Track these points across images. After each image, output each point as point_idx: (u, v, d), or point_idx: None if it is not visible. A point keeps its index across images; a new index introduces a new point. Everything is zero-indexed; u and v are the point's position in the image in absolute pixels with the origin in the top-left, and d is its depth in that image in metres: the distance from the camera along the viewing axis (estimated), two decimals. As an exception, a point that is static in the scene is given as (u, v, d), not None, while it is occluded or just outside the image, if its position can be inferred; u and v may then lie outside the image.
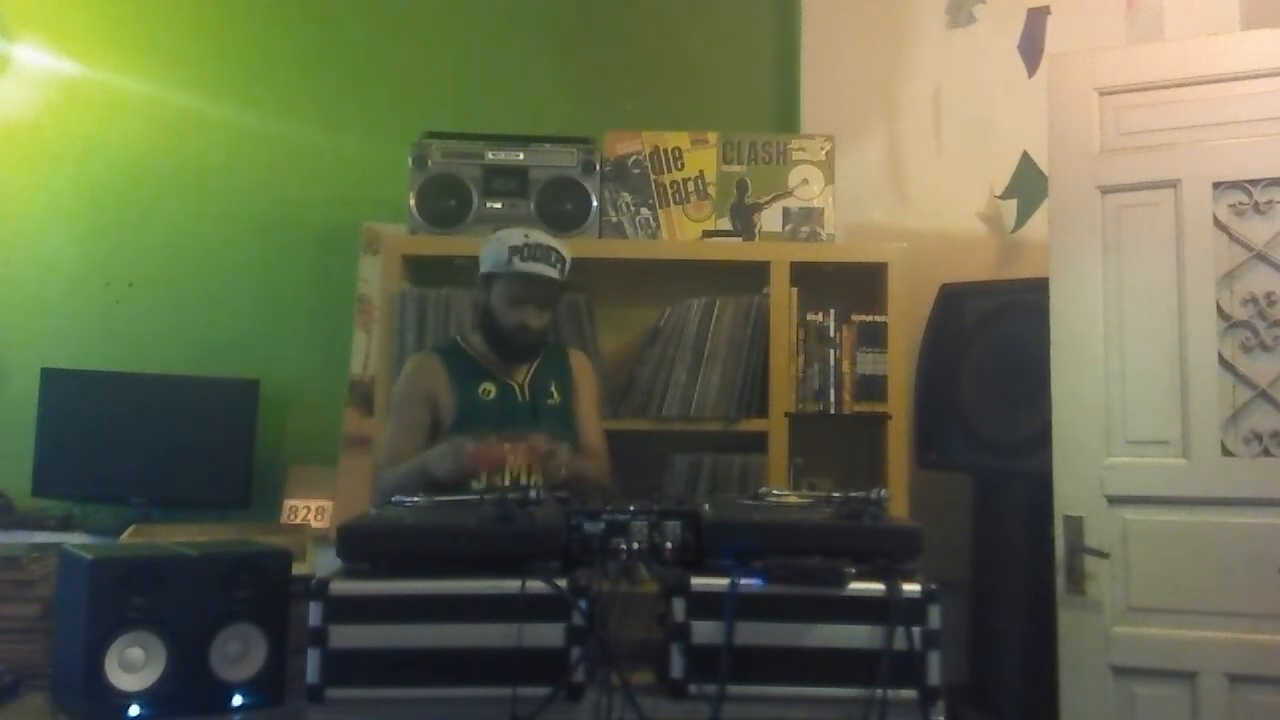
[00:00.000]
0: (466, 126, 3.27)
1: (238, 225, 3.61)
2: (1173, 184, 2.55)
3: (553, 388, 2.68)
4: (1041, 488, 2.62)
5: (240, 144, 3.62)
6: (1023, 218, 3.40)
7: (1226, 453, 2.47)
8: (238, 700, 1.73)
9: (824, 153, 3.23)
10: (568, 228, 3.15)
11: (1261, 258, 2.48)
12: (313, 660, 1.61)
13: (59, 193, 3.63)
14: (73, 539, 2.99)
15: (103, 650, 1.65)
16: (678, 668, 1.64)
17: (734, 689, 1.62)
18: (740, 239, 3.20)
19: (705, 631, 1.64)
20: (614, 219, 3.21)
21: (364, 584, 1.65)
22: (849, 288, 3.23)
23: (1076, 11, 3.38)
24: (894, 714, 1.62)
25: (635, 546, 1.73)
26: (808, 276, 3.14)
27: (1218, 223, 2.51)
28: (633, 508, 1.78)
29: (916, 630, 1.63)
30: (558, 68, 3.65)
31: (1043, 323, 2.63)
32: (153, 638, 1.68)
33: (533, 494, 1.82)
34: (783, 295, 3.10)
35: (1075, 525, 2.54)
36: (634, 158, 3.24)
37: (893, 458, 3.06)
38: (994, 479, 2.99)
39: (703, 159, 3.24)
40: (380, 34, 3.66)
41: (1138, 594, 2.52)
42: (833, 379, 3.11)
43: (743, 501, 2.16)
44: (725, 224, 3.22)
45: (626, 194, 3.22)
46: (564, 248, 2.64)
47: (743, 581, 1.65)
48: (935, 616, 1.64)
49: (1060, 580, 2.55)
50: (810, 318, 3.13)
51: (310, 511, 3.41)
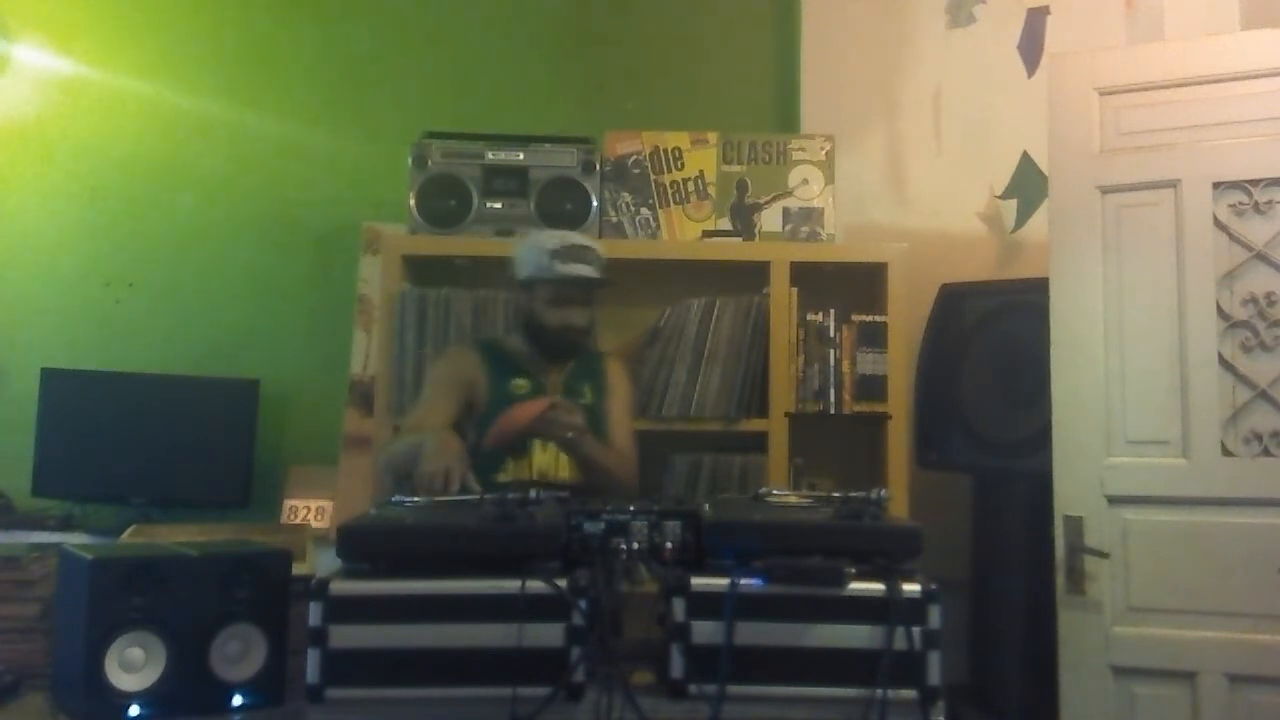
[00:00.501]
0: (466, 126, 3.27)
1: (238, 225, 3.61)
2: (1173, 184, 2.55)
3: (586, 389, 2.68)
4: (1041, 488, 2.62)
5: (240, 144, 3.62)
6: (1023, 218, 3.40)
7: (1226, 453, 2.47)
8: (238, 700, 1.73)
9: (824, 153, 3.23)
10: (568, 228, 3.15)
11: (1261, 258, 2.48)
12: (313, 660, 1.61)
13: (59, 193, 3.63)
14: (73, 539, 3.00)
15: (103, 650, 1.65)
16: (678, 668, 1.64)
17: (734, 689, 1.62)
18: (740, 239, 3.20)
19: (705, 631, 1.64)
20: (614, 219, 3.21)
21: (364, 584, 1.65)
22: (849, 288, 3.23)
23: (1076, 11, 3.38)
24: (894, 714, 1.62)
25: (635, 546, 1.73)
26: (808, 276, 3.14)
27: (1218, 223, 2.51)
28: (633, 508, 1.78)
29: (916, 630, 1.63)
30: (558, 68, 3.65)
31: (1043, 323, 2.63)
32: (153, 638, 1.68)
33: (533, 493, 1.82)
34: (783, 295, 3.10)
35: (1075, 525, 2.54)
36: (634, 158, 3.24)
37: (893, 458, 3.06)
38: (994, 479, 2.99)
39: (703, 159, 3.24)
40: (380, 34, 3.66)
41: (1138, 594, 2.52)
42: (833, 379, 3.11)
43: (743, 501, 2.16)
44: (725, 224, 3.22)
45: (626, 194, 3.22)
46: (598, 244, 2.69)
47: (743, 581, 1.65)
48: (935, 616, 1.64)
49: (1060, 580, 2.55)
50: (810, 318, 3.13)
51: (310, 511, 3.41)
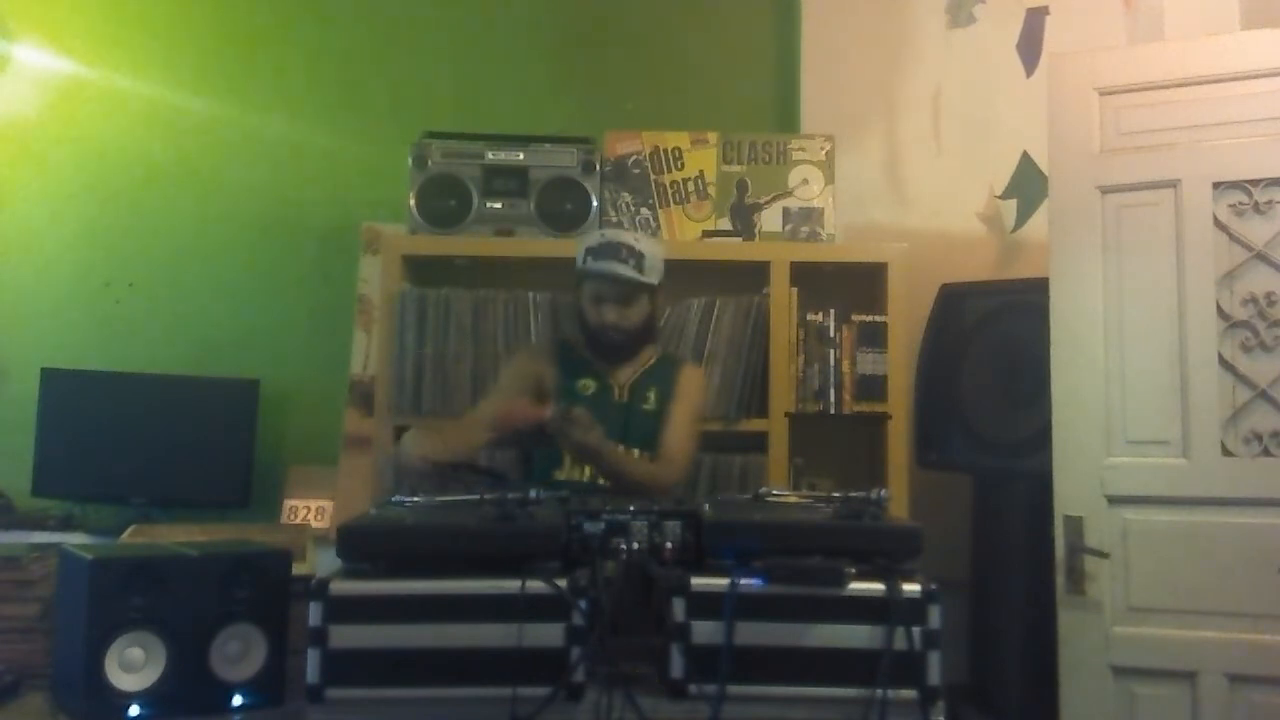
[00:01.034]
0: (466, 126, 3.28)
1: (238, 225, 3.61)
2: (1173, 184, 2.55)
3: (651, 394, 2.65)
4: (1041, 488, 2.62)
5: (240, 144, 3.62)
6: (1023, 218, 3.40)
7: (1226, 453, 2.47)
8: (238, 700, 1.73)
9: (824, 153, 3.23)
10: (568, 228, 3.16)
11: (1261, 258, 2.48)
12: (313, 660, 1.61)
13: (59, 193, 3.63)
14: (73, 539, 2.99)
15: (103, 650, 1.65)
16: (678, 668, 1.64)
17: (734, 689, 1.62)
18: (740, 239, 3.21)
19: (705, 631, 1.64)
20: (614, 219, 3.21)
21: (364, 584, 1.65)
22: (849, 288, 3.23)
23: (1076, 11, 3.39)
24: (894, 714, 1.62)
25: (635, 546, 1.73)
26: (808, 276, 3.14)
27: (1218, 223, 2.51)
28: (633, 508, 1.78)
29: (916, 630, 1.63)
30: (558, 68, 3.65)
31: (1043, 323, 2.63)
32: (153, 638, 1.68)
33: (532, 493, 1.82)
34: (783, 295, 3.10)
35: (1075, 525, 2.54)
36: (634, 158, 3.24)
37: (893, 458, 3.06)
38: (994, 479, 2.99)
39: (703, 159, 3.24)
40: (380, 34, 3.66)
41: (1138, 594, 2.52)
42: (833, 379, 3.11)
43: (743, 501, 2.16)
44: (725, 224, 3.22)
45: (626, 194, 3.22)
46: (647, 243, 2.66)
47: (743, 581, 1.65)
48: (935, 616, 1.64)
49: (1060, 580, 2.55)
50: (810, 318, 3.13)
51: (310, 511, 3.41)
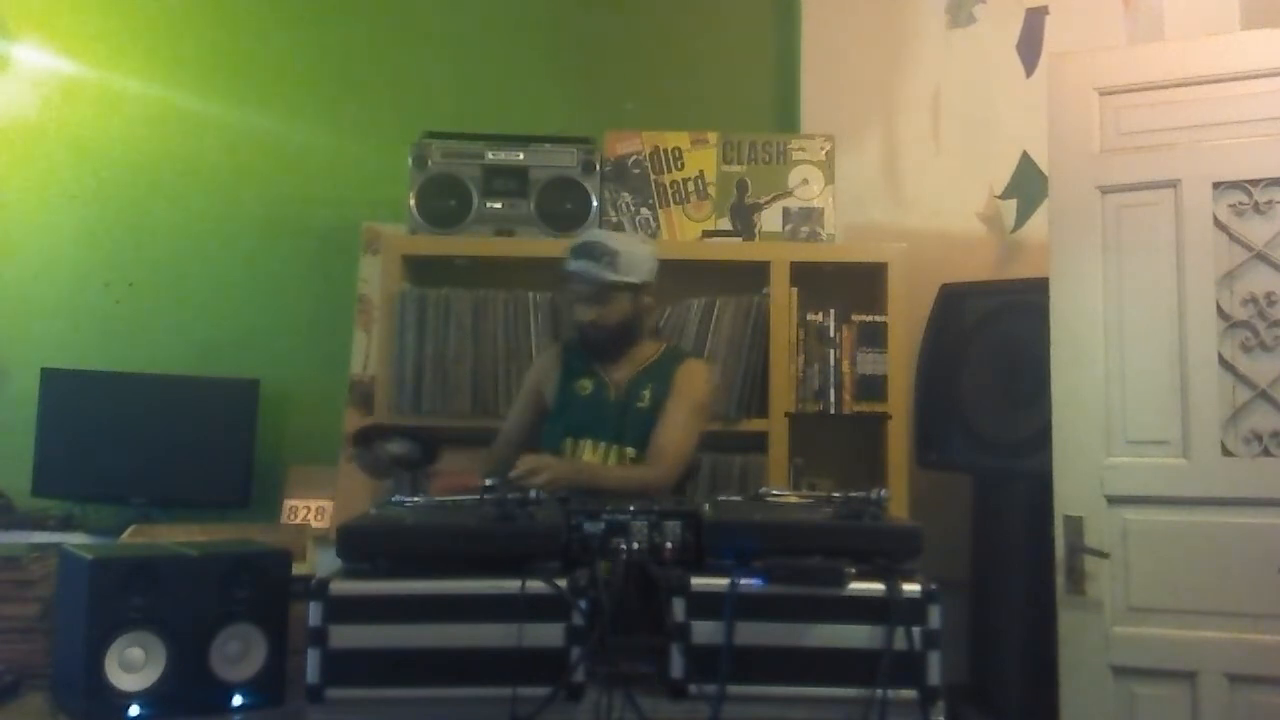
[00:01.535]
0: (466, 126, 3.28)
1: (238, 225, 3.61)
2: (1173, 184, 2.55)
3: (647, 392, 2.64)
4: (1041, 488, 2.62)
5: (240, 144, 3.62)
6: (1023, 218, 3.40)
7: (1226, 453, 2.47)
8: (238, 700, 1.73)
9: (824, 153, 3.23)
10: (568, 228, 3.16)
11: (1261, 258, 2.48)
12: (313, 660, 1.61)
13: (59, 193, 3.63)
14: (73, 539, 2.99)
15: (103, 650, 1.64)
16: (678, 668, 1.64)
17: (734, 689, 1.62)
18: (740, 239, 3.21)
19: (705, 631, 1.64)
20: (614, 219, 3.21)
21: (364, 584, 1.65)
22: (849, 288, 3.23)
23: (1076, 11, 3.38)
24: (894, 714, 1.62)
25: (635, 546, 1.73)
26: (808, 276, 3.14)
27: (1218, 223, 2.51)
28: (633, 508, 1.78)
29: (916, 630, 1.63)
30: (558, 68, 3.65)
31: (1043, 323, 2.63)
32: (153, 638, 1.67)
33: (532, 493, 1.82)
34: (783, 295, 3.10)
35: (1075, 525, 2.54)
36: (634, 158, 3.24)
37: (893, 458, 3.06)
38: (994, 479, 2.99)
39: (703, 159, 3.24)
40: (380, 34, 3.66)
41: (1138, 594, 2.52)
42: (833, 379, 3.12)
43: (743, 501, 2.16)
44: (725, 224, 3.22)
45: (626, 194, 3.22)
46: (627, 242, 2.67)
47: (743, 581, 1.65)
48: (935, 616, 1.64)
49: (1060, 580, 2.55)
50: (810, 318, 3.14)
51: (310, 511, 3.40)
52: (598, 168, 3.20)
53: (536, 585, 1.62)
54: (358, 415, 3.37)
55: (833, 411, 3.12)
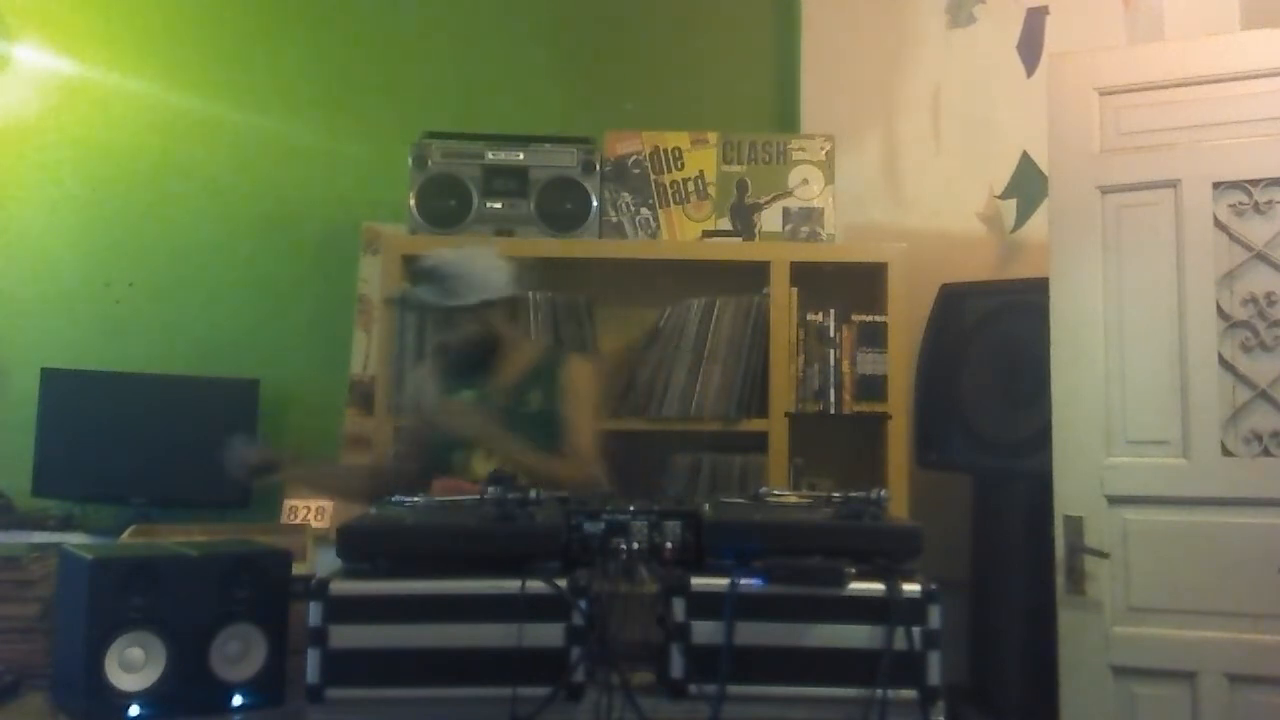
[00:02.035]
0: (466, 126, 3.28)
1: (238, 225, 3.61)
2: (1173, 184, 2.55)
3: (533, 395, 2.63)
4: (1041, 488, 2.62)
5: (240, 144, 3.62)
6: (1022, 218, 3.40)
7: (1226, 453, 2.47)
8: (238, 700, 1.73)
9: (824, 153, 3.23)
10: (568, 228, 3.16)
11: (1261, 258, 2.48)
12: (313, 660, 1.61)
13: (59, 193, 3.63)
14: (73, 539, 2.99)
15: (103, 650, 1.65)
16: (678, 668, 1.64)
17: (734, 689, 1.62)
18: (740, 239, 3.21)
19: (705, 631, 1.64)
20: (614, 219, 3.21)
21: (364, 584, 1.65)
22: (849, 288, 3.23)
23: (1076, 11, 3.38)
24: (894, 714, 1.62)
25: (635, 546, 1.73)
26: (808, 276, 3.14)
27: (1218, 223, 2.51)
28: (633, 508, 1.78)
29: (916, 630, 1.63)
30: (558, 68, 3.65)
31: (1043, 323, 2.63)
32: (153, 638, 1.68)
33: (533, 493, 1.82)
34: (783, 295, 3.10)
35: (1075, 525, 2.54)
36: (634, 158, 3.24)
37: (893, 458, 3.06)
38: (994, 479, 2.99)
39: (703, 159, 3.24)
40: (380, 34, 3.66)
41: (1138, 594, 2.52)
42: (833, 379, 3.11)
43: (743, 501, 2.16)
44: (725, 224, 3.22)
45: (626, 194, 3.22)
46: (460, 259, 2.62)
47: (743, 581, 1.65)
48: (935, 616, 1.64)
49: (1060, 580, 2.55)
50: (810, 318, 3.13)
51: (310, 511, 3.40)
52: (598, 168, 3.20)
53: (536, 585, 1.62)
54: (358, 415, 3.38)
55: (833, 411, 3.11)
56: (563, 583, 1.63)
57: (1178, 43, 2.85)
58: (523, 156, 3.19)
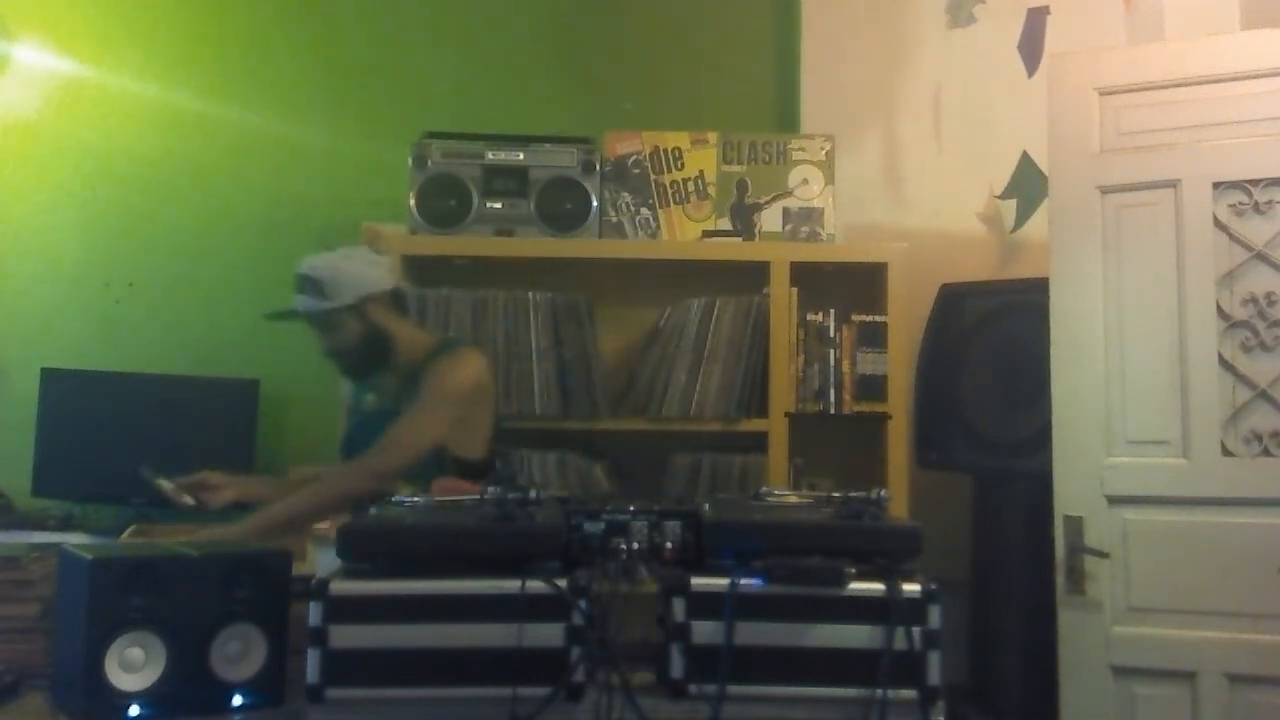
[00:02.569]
0: (466, 126, 3.27)
1: (238, 225, 3.61)
2: (1173, 184, 2.55)
3: (405, 398, 2.61)
4: (1041, 488, 2.63)
5: (240, 144, 3.62)
6: (1023, 218, 3.40)
7: (1226, 453, 2.47)
8: (238, 700, 1.73)
9: (824, 153, 3.23)
10: (568, 228, 3.16)
11: (1261, 258, 2.48)
12: (313, 660, 1.61)
13: (59, 193, 3.63)
14: (73, 539, 2.99)
15: (103, 650, 1.64)
16: (678, 668, 1.64)
17: (734, 689, 1.62)
18: (740, 239, 3.20)
19: (705, 631, 1.64)
20: (614, 219, 3.21)
21: (364, 584, 1.65)
22: (849, 288, 3.23)
23: (1076, 11, 3.38)
24: (894, 714, 1.62)
25: (635, 546, 1.73)
26: (808, 276, 3.14)
27: (1218, 223, 2.51)
28: (633, 508, 1.78)
29: (916, 630, 1.63)
30: (558, 68, 3.65)
31: (1043, 323, 2.63)
32: (153, 638, 1.67)
33: (533, 493, 1.82)
34: (783, 295, 3.10)
35: (1075, 525, 2.54)
36: (634, 158, 3.24)
37: (893, 458, 3.06)
38: (994, 479, 2.99)
39: (703, 159, 3.24)
40: (380, 34, 3.66)
41: (1138, 594, 2.52)
42: (833, 379, 3.11)
43: (743, 501, 2.16)
44: (725, 224, 3.22)
45: (626, 194, 3.22)
46: (329, 263, 2.59)
47: (743, 581, 1.65)
48: (935, 616, 1.64)
49: (1060, 580, 2.55)
50: (810, 318, 3.13)
51: (310, 511, 3.40)
52: (598, 168, 3.20)
53: (536, 585, 1.62)
54: (358, 415, 3.37)
55: (833, 411, 3.11)
56: (563, 583, 1.63)
57: (1178, 43, 2.85)
58: (523, 156, 3.19)
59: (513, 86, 3.62)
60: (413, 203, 3.16)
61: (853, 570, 1.66)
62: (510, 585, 1.62)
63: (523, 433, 3.10)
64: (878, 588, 1.65)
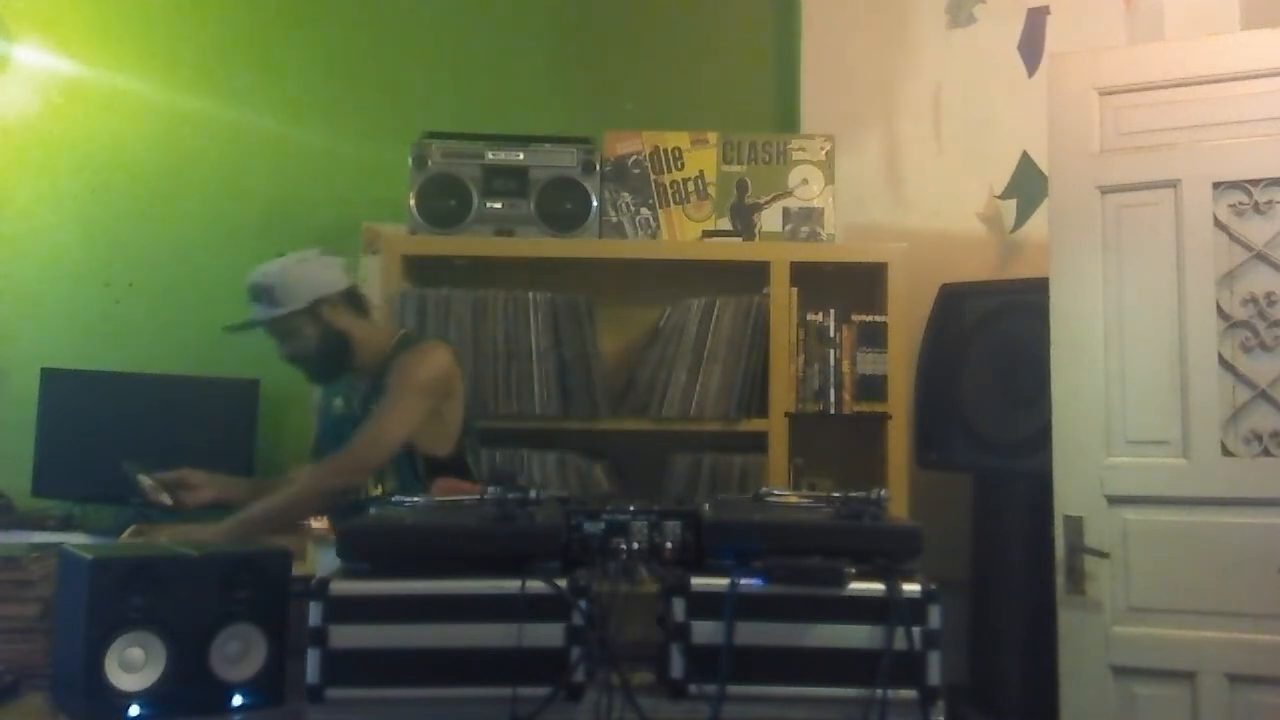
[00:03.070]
0: (466, 126, 3.27)
1: (238, 225, 3.60)
2: (1173, 184, 2.55)
3: (374, 395, 2.59)
4: (1041, 488, 2.63)
5: (240, 144, 3.62)
6: (1022, 218, 3.40)
7: (1226, 453, 2.47)
8: (238, 700, 1.73)
9: (824, 153, 3.23)
10: (568, 228, 3.16)
11: (1261, 258, 2.48)
12: (313, 660, 1.61)
13: (59, 193, 3.63)
14: (73, 539, 2.98)
15: (103, 650, 1.64)
16: (678, 668, 1.64)
17: (734, 689, 1.62)
18: (740, 239, 3.20)
19: (705, 631, 1.64)
20: (614, 219, 3.21)
21: (364, 584, 1.65)
22: (849, 288, 3.23)
23: (1076, 11, 3.38)
24: (894, 714, 1.62)
25: (635, 546, 1.73)
26: (808, 276, 3.14)
27: (1218, 223, 2.51)
28: (633, 508, 1.78)
29: (916, 630, 1.63)
30: (558, 68, 3.65)
31: (1043, 323, 2.63)
32: (153, 638, 1.67)
33: (533, 493, 1.82)
34: (783, 295, 3.10)
35: (1075, 525, 2.54)
36: (634, 158, 3.24)
37: (893, 458, 3.06)
38: (994, 479, 2.99)
39: (703, 159, 3.24)
40: (380, 34, 3.66)
41: (1138, 594, 2.52)
42: (833, 379, 3.12)
43: (743, 501, 2.16)
44: (725, 224, 3.22)
45: (626, 194, 3.22)
46: (279, 269, 2.58)
47: (743, 581, 1.65)
48: (935, 616, 1.64)
49: (1060, 580, 2.55)
50: (810, 318, 3.13)
51: (310, 511, 3.40)
52: (598, 168, 3.20)
53: (536, 585, 1.62)
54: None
55: (833, 411, 3.12)
56: (563, 583, 1.63)
57: (1178, 43, 2.85)
58: (523, 156, 3.19)
59: (513, 86, 3.62)
60: (413, 203, 3.16)
61: (853, 570, 1.66)
62: (510, 585, 1.62)
63: (523, 433, 3.10)
64: (878, 588, 1.65)
